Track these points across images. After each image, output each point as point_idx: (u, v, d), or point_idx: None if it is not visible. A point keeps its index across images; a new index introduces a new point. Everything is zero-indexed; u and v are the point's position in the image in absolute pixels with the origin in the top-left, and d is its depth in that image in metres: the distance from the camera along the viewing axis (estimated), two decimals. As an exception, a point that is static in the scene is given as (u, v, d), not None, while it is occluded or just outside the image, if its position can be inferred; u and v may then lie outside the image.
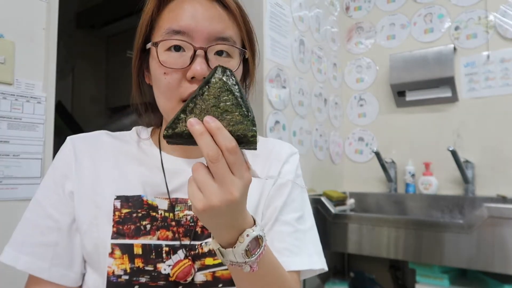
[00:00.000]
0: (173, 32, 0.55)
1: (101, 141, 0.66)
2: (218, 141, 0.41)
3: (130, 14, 2.48)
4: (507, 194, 1.70)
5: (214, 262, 0.59)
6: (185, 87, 0.55)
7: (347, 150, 2.25)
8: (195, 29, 0.54)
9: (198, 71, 0.53)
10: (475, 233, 1.28)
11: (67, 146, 0.64)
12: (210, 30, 0.55)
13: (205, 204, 0.42)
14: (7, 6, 0.89)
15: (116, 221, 0.59)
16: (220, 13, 0.56)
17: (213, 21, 0.55)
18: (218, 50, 0.56)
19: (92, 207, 0.60)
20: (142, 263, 0.57)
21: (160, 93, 0.58)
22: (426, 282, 1.45)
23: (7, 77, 0.88)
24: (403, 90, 2.02)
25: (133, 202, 0.60)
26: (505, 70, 1.80)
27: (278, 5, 1.65)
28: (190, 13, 0.55)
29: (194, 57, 0.54)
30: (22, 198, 0.89)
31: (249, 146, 0.44)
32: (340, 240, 1.56)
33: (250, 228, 0.47)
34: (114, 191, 0.61)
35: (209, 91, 0.44)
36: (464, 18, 1.92)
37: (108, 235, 0.58)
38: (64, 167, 0.62)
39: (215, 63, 0.54)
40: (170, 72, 0.55)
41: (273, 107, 1.58)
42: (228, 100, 0.43)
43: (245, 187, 0.43)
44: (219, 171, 0.41)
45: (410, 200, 1.94)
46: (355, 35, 2.27)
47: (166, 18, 0.57)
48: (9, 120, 0.88)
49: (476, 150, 1.85)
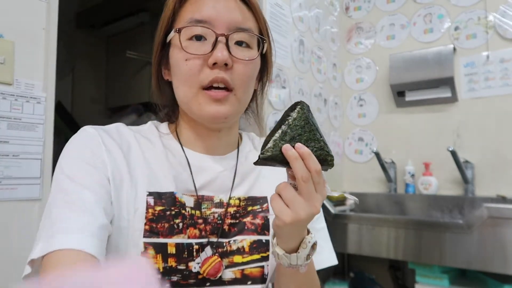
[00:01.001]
0: (195, 21, 0.57)
1: (124, 133, 0.62)
2: (309, 164, 0.49)
3: (130, 14, 2.48)
4: (507, 194, 1.70)
5: (243, 260, 0.61)
6: (206, 73, 0.56)
7: (347, 150, 2.25)
8: (216, 19, 0.57)
9: (219, 57, 0.55)
10: (475, 233, 1.28)
11: (90, 133, 0.57)
12: (230, 19, 0.57)
13: (293, 218, 0.49)
14: (7, 6, 0.89)
15: (150, 218, 0.56)
16: (240, 6, 0.60)
17: (234, 12, 0.58)
18: (238, 40, 0.59)
19: (125, 201, 0.55)
20: (175, 262, 0.56)
21: (180, 81, 0.59)
22: (426, 282, 1.45)
23: (6, 77, 0.88)
24: (403, 90, 2.02)
25: (166, 199, 0.58)
26: (504, 70, 1.80)
27: (278, 5, 1.65)
28: (211, 4, 0.57)
29: (216, 43, 0.56)
30: (22, 198, 0.89)
31: (327, 167, 0.53)
32: (340, 240, 1.56)
33: (308, 236, 0.55)
34: (147, 186, 0.57)
35: (294, 122, 0.51)
36: (463, 18, 1.92)
37: (140, 233, 0.55)
38: (97, 151, 0.55)
39: (235, 51, 0.58)
40: (191, 58, 0.57)
41: (273, 107, 1.58)
42: (311, 131, 0.52)
43: (322, 201, 0.52)
44: (308, 189, 0.49)
45: (410, 200, 1.94)
46: (355, 35, 2.27)
47: (188, 10, 0.59)
48: (9, 120, 0.88)
49: (476, 150, 1.85)
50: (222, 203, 0.62)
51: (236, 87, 0.58)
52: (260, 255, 0.62)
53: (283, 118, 0.52)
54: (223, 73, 0.56)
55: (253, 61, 0.60)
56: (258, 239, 0.62)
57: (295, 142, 0.50)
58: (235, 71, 0.58)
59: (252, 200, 0.65)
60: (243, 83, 0.59)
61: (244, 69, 0.59)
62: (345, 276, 1.98)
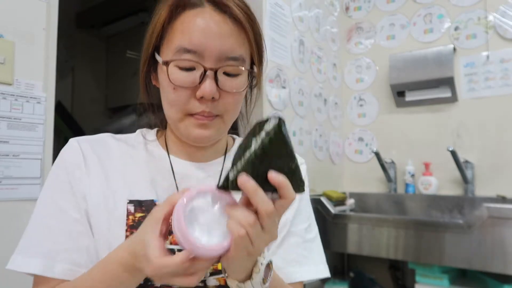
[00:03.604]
0: (184, 50, 0.55)
1: (107, 144, 0.64)
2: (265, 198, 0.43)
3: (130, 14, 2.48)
4: (507, 194, 1.70)
5: None
6: (194, 105, 0.56)
7: (347, 150, 2.25)
8: (206, 48, 0.54)
9: (207, 92, 0.54)
10: (475, 233, 1.28)
11: (73, 147, 0.62)
12: (220, 48, 0.55)
13: (253, 252, 0.45)
14: (7, 6, 0.89)
15: (130, 225, 0.58)
16: (231, 29, 0.56)
17: (224, 39, 0.55)
18: (227, 72, 0.57)
19: (103, 212, 0.58)
20: None
21: (167, 104, 0.59)
22: (425, 282, 1.46)
23: (7, 77, 0.88)
24: (403, 90, 2.02)
25: (146, 206, 0.59)
26: (504, 70, 1.80)
27: (278, 5, 1.65)
28: (201, 29, 0.54)
29: (204, 77, 0.55)
30: (22, 198, 0.89)
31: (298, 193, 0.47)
32: (340, 240, 1.56)
33: (260, 257, 0.49)
34: (127, 195, 0.60)
35: (265, 141, 0.44)
36: (463, 18, 1.92)
37: (121, 240, 0.56)
38: (75, 168, 0.60)
39: (223, 83, 0.56)
40: (179, 89, 0.56)
41: (272, 107, 1.58)
42: (283, 152, 0.45)
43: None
44: (272, 222, 0.44)
45: (410, 200, 1.94)
46: (355, 35, 2.27)
47: (177, 31, 0.56)
48: (9, 120, 0.88)
49: (476, 150, 1.85)
50: None
51: (223, 113, 0.59)
52: None
53: (252, 134, 0.45)
54: (210, 105, 0.57)
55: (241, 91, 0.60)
56: None
57: (259, 166, 0.44)
58: (222, 101, 0.58)
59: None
60: (230, 110, 0.60)
61: (232, 99, 0.59)
62: (345, 276, 1.98)
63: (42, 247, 0.56)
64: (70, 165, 0.60)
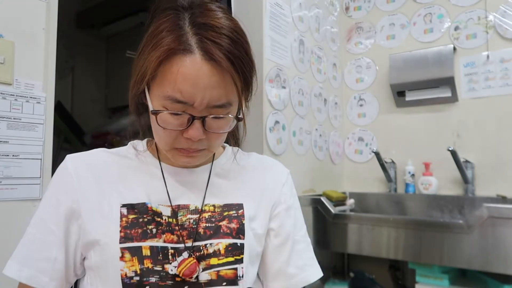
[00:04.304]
0: (174, 100, 0.57)
1: (100, 158, 0.69)
2: None
3: (130, 14, 2.48)
4: (507, 194, 1.70)
5: (219, 262, 0.63)
6: (181, 142, 0.61)
7: (347, 150, 2.25)
8: (195, 100, 0.57)
9: (194, 136, 0.58)
10: (475, 233, 1.28)
11: (66, 165, 0.66)
12: (209, 99, 0.57)
13: None
14: (7, 6, 0.89)
15: (124, 226, 0.62)
16: (220, 79, 0.57)
17: (213, 90, 0.57)
18: (214, 116, 0.59)
19: (99, 218, 0.62)
20: (151, 264, 0.60)
21: (157, 136, 0.63)
22: (426, 282, 1.46)
23: (6, 77, 0.88)
24: (403, 90, 2.02)
25: (138, 209, 0.64)
26: (504, 70, 1.80)
27: (278, 5, 1.65)
28: (192, 83, 0.56)
29: (192, 122, 0.58)
30: (22, 198, 0.89)
31: None
32: (340, 240, 1.56)
33: None
34: (120, 200, 0.64)
35: None
36: (463, 18, 1.92)
37: (116, 241, 0.60)
38: (66, 185, 0.65)
39: (210, 124, 0.59)
40: (168, 129, 0.59)
41: (272, 107, 1.58)
42: None
43: None
44: None
45: (410, 200, 1.94)
46: (354, 35, 2.27)
47: (168, 79, 0.57)
48: (9, 120, 0.88)
49: (476, 150, 1.85)
50: (198, 209, 0.67)
51: (209, 147, 0.63)
52: (234, 257, 0.64)
53: None
54: (197, 143, 0.61)
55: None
56: (233, 243, 0.65)
57: None
58: (208, 138, 0.61)
59: (228, 207, 0.68)
60: (216, 144, 0.64)
61: (218, 137, 0.63)
62: (345, 276, 1.98)
63: (19, 252, 0.63)
64: (61, 181, 0.66)
